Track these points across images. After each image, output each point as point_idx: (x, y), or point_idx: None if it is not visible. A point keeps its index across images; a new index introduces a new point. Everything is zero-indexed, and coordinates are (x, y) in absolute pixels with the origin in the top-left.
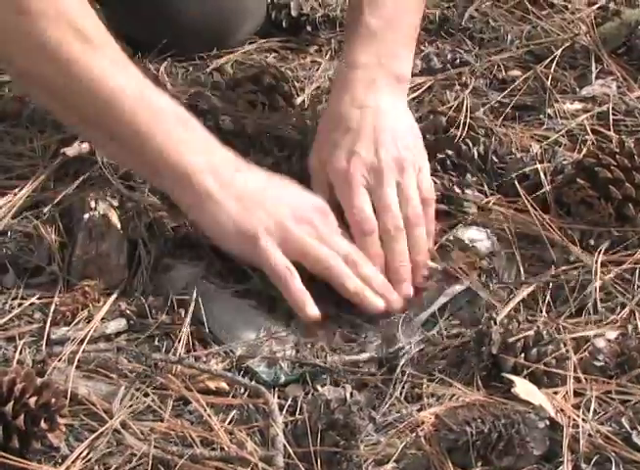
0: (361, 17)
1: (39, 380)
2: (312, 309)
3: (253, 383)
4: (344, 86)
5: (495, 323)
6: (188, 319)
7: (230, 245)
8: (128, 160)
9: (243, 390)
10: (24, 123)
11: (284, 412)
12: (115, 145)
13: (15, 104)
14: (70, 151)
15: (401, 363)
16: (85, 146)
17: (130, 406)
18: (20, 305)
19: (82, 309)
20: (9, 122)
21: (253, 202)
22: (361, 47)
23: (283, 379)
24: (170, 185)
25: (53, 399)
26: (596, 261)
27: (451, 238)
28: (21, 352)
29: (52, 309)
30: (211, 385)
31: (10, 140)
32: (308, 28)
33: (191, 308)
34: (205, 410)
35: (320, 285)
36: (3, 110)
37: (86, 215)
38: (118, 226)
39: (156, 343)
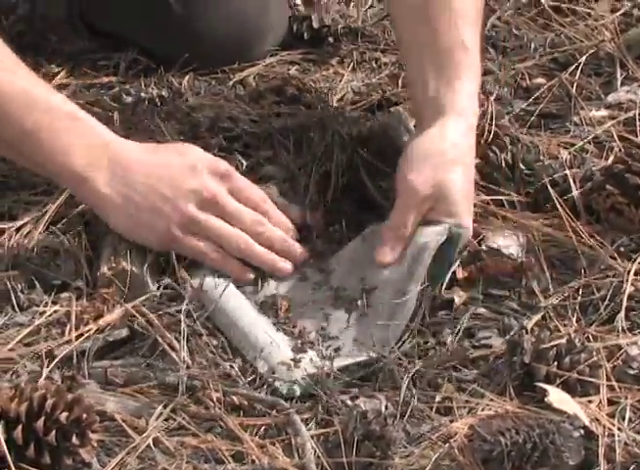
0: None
1: (70, 396)
2: (248, 275)
3: (273, 397)
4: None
5: (527, 332)
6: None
7: (151, 244)
8: (20, 161)
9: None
10: None
11: (313, 424)
12: (4, 147)
13: None
14: None
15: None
16: None
17: (159, 421)
18: (47, 320)
19: (100, 317)
20: None
21: (158, 198)
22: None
23: (298, 391)
24: (70, 187)
25: (84, 415)
26: (627, 269)
27: (482, 244)
28: (48, 367)
29: (73, 319)
30: (236, 400)
31: None
32: (330, 40)
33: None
34: (235, 425)
35: None
36: None
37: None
38: None
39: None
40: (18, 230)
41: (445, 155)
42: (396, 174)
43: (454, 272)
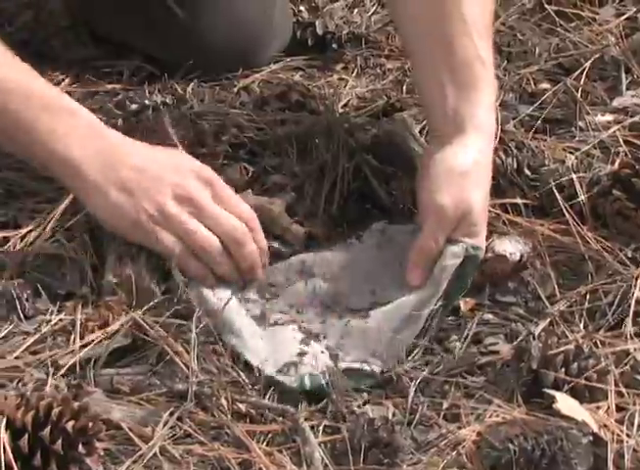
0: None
1: (76, 404)
2: (210, 279)
3: (281, 405)
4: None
5: (534, 338)
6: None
7: (122, 233)
8: (12, 148)
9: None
10: None
11: (320, 432)
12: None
13: None
14: None
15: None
16: None
17: (165, 429)
18: (52, 329)
19: (106, 325)
20: None
21: (137, 188)
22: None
23: (309, 385)
24: (59, 175)
25: (90, 424)
26: (634, 274)
27: (488, 251)
28: (54, 376)
29: (78, 327)
30: (244, 407)
31: None
32: (334, 46)
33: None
34: (242, 432)
35: None
36: None
37: (116, 237)
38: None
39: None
40: (22, 238)
41: (469, 175)
42: (420, 192)
43: None
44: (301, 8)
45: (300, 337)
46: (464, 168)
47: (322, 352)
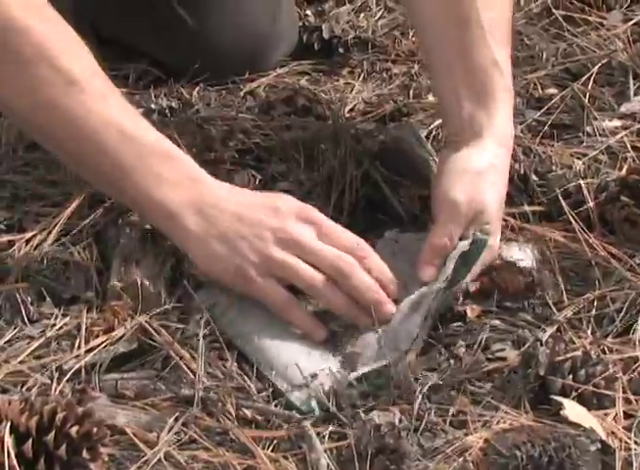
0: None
1: (80, 409)
2: (320, 333)
3: (287, 412)
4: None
5: (542, 344)
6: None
7: (225, 282)
8: (109, 191)
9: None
10: None
11: (326, 439)
12: (95, 178)
13: None
14: None
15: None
16: None
17: (170, 435)
18: (57, 333)
19: (111, 330)
20: (43, 150)
21: (236, 236)
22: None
23: (317, 410)
24: (156, 223)
25: (94, 429)
26: None
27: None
28: (59, 380)
29: (83, 332)
30: (249, 413)
31: (44, 167)
32: (340, 51)
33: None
34: (248, 438)
35: None
36: None
37: (122, 241)
38: (154, 252)
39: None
40: (27, 242)
41: (484, 175)
42: (435, 189)
43: (467, 284)
44: (308, 12)
45: (318, 351)
46: (479, 169)
47: (331, 369)
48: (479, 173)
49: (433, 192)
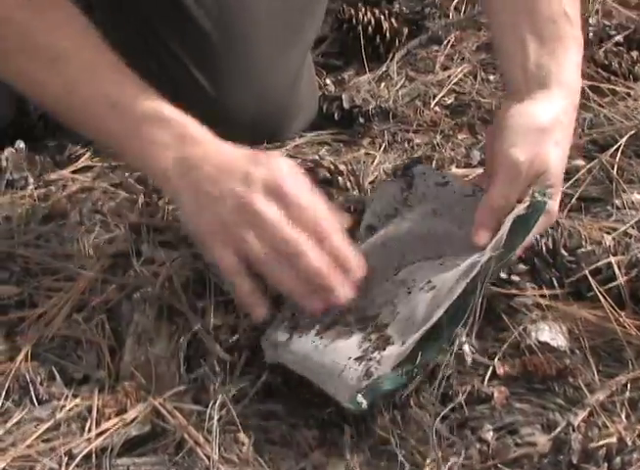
0: None
1: None
2: (259, 312)
3: None
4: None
5: (574, 429)
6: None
7: (194, 240)
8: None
9: None
10: (72, 223)
11: None
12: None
13: (63, 203)
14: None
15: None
16: None
17: None
18: (67, 415)
19: (124, 412)
20: (56, 222)
21: (207, 198)
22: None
23: (365, 404)
24: (150, 176)
25: None
26: None
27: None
28: (68, 466)
29: (95, 413)
30: None
31: (57, 241)
32: (361, 120)
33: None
34: None
35: None
36: (51, 209)
37: (135, 318)
38: (170, 330)
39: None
40: (38, 318)
41: (548, 132)
42: (494, 144)
43: (494, 367)
44: (327, 81)
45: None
46: (544, 125)
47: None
48: (543, 131)
49: (490, 146)
